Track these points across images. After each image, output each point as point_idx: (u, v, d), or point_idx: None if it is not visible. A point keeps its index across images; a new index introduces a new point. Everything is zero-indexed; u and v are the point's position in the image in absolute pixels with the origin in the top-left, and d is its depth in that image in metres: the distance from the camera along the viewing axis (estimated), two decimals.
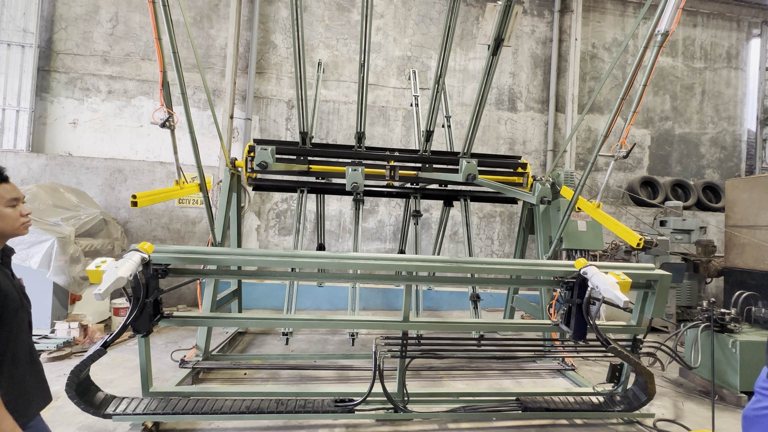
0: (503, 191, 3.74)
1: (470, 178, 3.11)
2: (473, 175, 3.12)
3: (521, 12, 4.03)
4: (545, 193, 3.24)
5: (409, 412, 3.14)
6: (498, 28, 3.65)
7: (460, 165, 3.24)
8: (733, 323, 3.91)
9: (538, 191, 3.32)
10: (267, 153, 2.81)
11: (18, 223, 1.53)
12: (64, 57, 6.88)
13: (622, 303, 2.56)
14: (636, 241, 3.49)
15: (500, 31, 3.66)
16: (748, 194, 5.28)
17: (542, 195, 3.26)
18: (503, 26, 3.65)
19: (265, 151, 2.80)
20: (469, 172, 3.13)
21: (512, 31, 4.11)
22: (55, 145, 6.87)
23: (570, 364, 4.40)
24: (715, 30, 9.04)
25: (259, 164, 2.79)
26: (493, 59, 3.87)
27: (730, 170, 9.11)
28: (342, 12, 7.63)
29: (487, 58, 3.89)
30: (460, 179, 3.24)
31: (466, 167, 3.12)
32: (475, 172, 3.13)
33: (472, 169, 3.12)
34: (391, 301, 7.16)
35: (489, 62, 3.90)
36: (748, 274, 5.17)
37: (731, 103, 9.10)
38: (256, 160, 2.78)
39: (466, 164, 3.12)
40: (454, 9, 3.59)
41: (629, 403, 3.27)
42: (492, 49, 3.80)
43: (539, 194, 3.28)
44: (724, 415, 3.57)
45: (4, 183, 1.49)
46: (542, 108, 8.29)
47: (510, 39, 4.02)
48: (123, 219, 6.72)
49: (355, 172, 2.91)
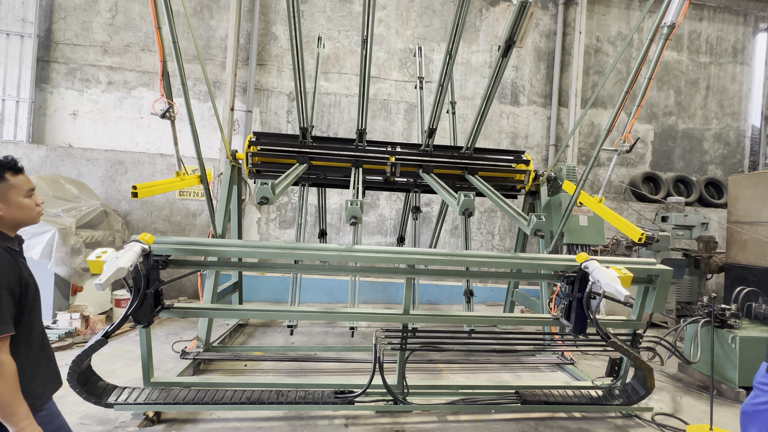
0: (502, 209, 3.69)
1: (467, 213, 3.06)
2: (470, 212, 3.07)
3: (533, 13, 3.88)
4: (540, 226, 3.19)
5: (409, 404, 3.16)
6: (511, 30, 3.49)
7: (458, 198, 3.15)
8: (733, 319, 3.92)
9: (533, 223, 3.24)
10: (267, 188, 2.81)
11: (34, 212, 1.61)
12: (63, 47, 6.83)
13: (623, 297, 2.56)
14: (638, 235, 3.48)
15: (513, 32, 3.51)
16: (751, 190, 5.25)
17: (536, 228, 3.20)
18: (516, 27, 3.48)
19: (265, 186, 2.81)
20: (466, 207, 3.07)
21: (526, 33, 3.99)
22: (56, 136, 6.85)
23: (569, 359, 4.42)
24: (721, 24, 8.92)
25: (259, 201, 2.81)
26: (503, 61, 3.72)
27: (733, 166, 9.06)
28: (344, 3, 7.54)
29: (496, 59, 3.75)
30: (457, 213, 3.18)
31: (463, 201, 3.05)
32: (472, 206, 3.07)
33: (469, 204, 3.05)
34: (391, 295, 7.17)
35: (498, 63, 3.76)
36: (749, 270, 5.16)
37: (736, 99, 9.01)
38: (257, 196, 2.80)
39: (463, 198, 3.06)
40: (464, 6, 3.46)
41: (628, 397, 3.28)
42: (502, 51, 3.64)
43: (534, 227, 3.21)
44: (722, 409, 3.59)
45: (21, 174, 1.56)
46: (545, 102, 8.22)
47: (523, 40, 3.90)
48: (124, 211, 6.72)
49: (353, 206, 2.91)
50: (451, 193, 3.41)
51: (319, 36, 5.98)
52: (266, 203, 2.85)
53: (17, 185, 1.54)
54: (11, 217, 1.54)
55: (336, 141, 4.87)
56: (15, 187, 1.53)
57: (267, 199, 2.83)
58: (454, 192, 5.00)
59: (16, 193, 1.53)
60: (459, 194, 3.11)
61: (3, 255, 1.48)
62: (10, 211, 1.53)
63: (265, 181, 2.86)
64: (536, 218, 3.27)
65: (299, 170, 4.06)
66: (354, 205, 2.94)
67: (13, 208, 1.53)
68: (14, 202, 1.53)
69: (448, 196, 3.41)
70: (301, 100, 4.02)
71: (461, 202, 3.08)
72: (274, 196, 2.89)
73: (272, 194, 2.87)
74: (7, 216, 1.53)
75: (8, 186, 1.51)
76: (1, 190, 1.50)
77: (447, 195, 3.49)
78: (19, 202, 1.54)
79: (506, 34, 3.55)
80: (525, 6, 3.36)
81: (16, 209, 1.54)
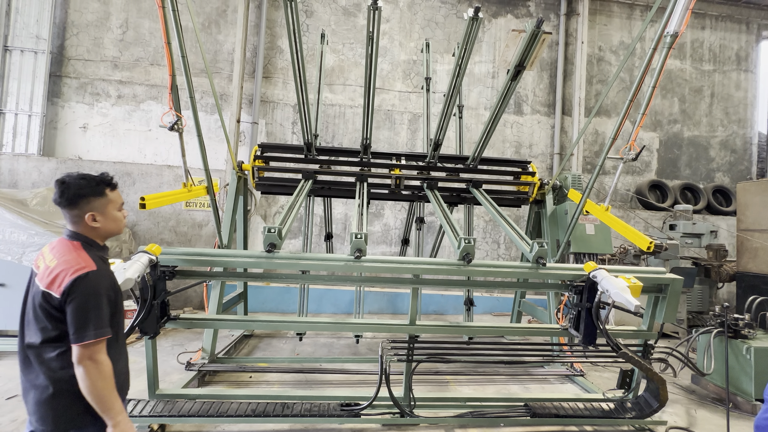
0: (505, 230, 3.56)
1: (467, 258, 3.02)
2: (470, 258, 3.03)
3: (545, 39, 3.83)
4: (542, 254, 3.08)
5: (416, 417, 3.11)
6: (521, 55, 3.47)
7: (459, 242, 3.06)
8: (747, 329, 3.83)
9: (535, 251, 3.11)
10: (274, 236, 2.86)
11: (122, 224, 1.77)
12: (75, 63, 7.00)
13: (633, 307, 2.52)
14: (646, 244, 3.44)
15: (523, 58, 3.49)
16: (761, 197, 5.19)
17: (539, 255, 3.09)
18: (527, 54, 3.46)
19: (272, 234, 2.85)
20: (467, 252, 3.03)
21: (537, 58, 3.97)
22: (66, 149, 6.97)
23: (579, 370, 4.33)
24: (723, 32, 8.95)
25: (267, 249, 2.85)
26: (512, 84, 3.71)
27: (740, 173, 8.97)
28: (348, 17, 7.68)
29: (505, 83, 3.74)
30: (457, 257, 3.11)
31: (464, 247, 3.01)
32: (472, 252, 3.01)
33: (469, 249, 3.02)
34: (397, 305, 7.12)
35: (506, 87, 3.74)
36: (761, 278, 5.07)
37: (741, 106, 8.98)
38: (265, 243, 2.85)
39: (464, 243, 3.03)
40: (471, 37, 3.41)
41: (641, 410, 3.20)
42: (511, 75, 3.62)
43: (536, 254, 3.10)
44: (738, 423, 3.48)
45: (116, 189, 1.72)
46: (548, 111, 8.25)
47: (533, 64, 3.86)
48: (131, 222, 6.78)
49: (358, 239, 2.91)
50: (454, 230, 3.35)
51: (322, 33, 5.73)
52: (274, 249, 2.87)
53: (114, 200, 1.69)
54: (106, 228, 1.68)
55: (341, 153, 4.90)
56: (112, 201, 1.68)
57: (275, 245, 2.85)
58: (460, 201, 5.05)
59: (112, 207, 1.69)
60: (459, 239, 3.05)
61: (101, 265, 1.61)
62: (107, 224, 1.67)
63: (272, 226, 2.87)
64: (538, 245, 3.11)
65: (304, 192, 4.04)
66: (359, 239, 2.91)
67: (109, 220, 1.68)
68: (110, 215, 1.68)
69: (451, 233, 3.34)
70: (305, 114, 4.03)
71: (461, 246, 3.01)
72: (281, 241, 2.92)
73: (280, 240, 2.88)
74: (104, 228, 1.67)
75: (107, 200, 1.67)
76: (102, 204, 1.65)
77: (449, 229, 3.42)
78: (114, 215, 1.70)
79: (517, 59, 3.51)
80: (537, 35, 3.35)
81: (111, 221, 1.69)
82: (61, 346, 1.51)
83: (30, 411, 1.54)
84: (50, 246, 1.64)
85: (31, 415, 1.54)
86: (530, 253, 3.18)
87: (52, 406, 1.50)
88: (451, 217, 3.75)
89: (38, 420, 1.52)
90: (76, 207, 1.59)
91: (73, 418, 1.52)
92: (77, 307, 1.48)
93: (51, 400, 1.50)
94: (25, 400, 1.56)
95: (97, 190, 1.63)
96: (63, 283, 1.48)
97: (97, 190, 1.63)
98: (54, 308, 1.49)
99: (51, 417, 1.50)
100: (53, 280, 1.50)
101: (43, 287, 1.50)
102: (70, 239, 1.63)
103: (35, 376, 1.52)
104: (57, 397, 1.50)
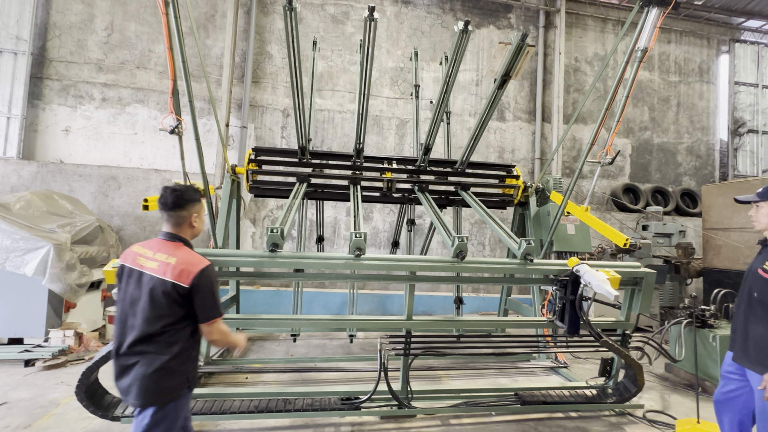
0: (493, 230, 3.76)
1: (460, 255, 3.21)
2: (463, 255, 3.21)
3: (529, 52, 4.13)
4: (530, 251, 3.32)
5: (414, 408, 3.24)
6: (507, 66, 3.78)
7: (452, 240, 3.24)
8: (713, 319, 4.17)
9: (523, 248, 3.33)
10: (277, 236, 2.94)
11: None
12: (57, 64, 6.86)
13: (613, 297, 2.75)
14: (623, 241, 3.72)
15: (509, 68, 3.79)
16: (722, 199, 5.63)
17: (526, 252, 3.32)
18: (513, 65, 3.76)
19: (274, 234, 2.95)
20: (460, 249, 3.21)
21: (521, 68, 4.27)
22: (47, 152, 6.80)
23: (563, 362, 4.57)
24: (687, 46, 9.62)
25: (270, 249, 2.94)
26: (498, 93, 3.99)
27: (705, 177, 9.61)
28: (336, 24, 7.84)
29: (491, 91, 4.01)
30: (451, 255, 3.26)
31: (458, 244, 3.19)
32: (465, 250, 3.20)
33: (463, 247, 3.21)
34: (387, 307, 7.24)
35: (493, 95, 4.01)
36: (724, 273, 5.49)
37: (704, 115, 9.65)
38: (268, 243, 2.95)
39: (458, 241, 3.21)
40: (460, 48, 3.70)
41: (620, 395, 3.45)
42: (498, 83, 3.92)
43: (524, 251, 3.33)
44: (707, 405, 3.76)
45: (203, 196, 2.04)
46: (529, 118, 8.63)
47: (518, 74, 4.16)
48: (116, 226, 6.66)
49: (358, 238, 3.04)
50: (447, 230, 3.52)
51: (314, 40, 5.84)
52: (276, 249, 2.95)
53: (203, 205, 2.00)
54: (199, 229, 1.99)
55: (334, 157, 5.01)
56: (203, 206, 2.00)
57: (277, 245, 2.93)
58: (448, 204, 5.25)
59: (203, 212, 2.00)
60: (453, 238, 3.23)
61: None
62: (200, 225, 1.98)
63: (274, 227, 2.95)
64: (526, 243, 3.33)
65: (300, 194, 4.14)
66: (358, 237, 3.04)
67: (201, 222, 1.99)
68: (202, 218, 2.00)
69: (444, 232, 3.52)
70: (300, 119, 4.14)
71: (456, 244, 3.18)
72: (283, 240, 3.00)
73: (281, 239, 2.97)
74: (198, 228, 1.97)
75: (201, 206, 1.97)
76: (198, 209, 1.95)
77: (442, 229, 3.60)
78: (203, 218, 2.02)
79: (503, 69, 3.81)
80: (522, 47, 3.64)
81: (201, 223, 2.00)
82: (175, 327, 1.79)
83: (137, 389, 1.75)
84: (148, 246, 1.87)
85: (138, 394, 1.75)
86: (519, 250, 3.38)
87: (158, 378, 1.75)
88: (443, 217, 3.94)
89: (143, 394, 1.75)
90: (184, 209, 1.89)
91: (175, 387, 1.80)
92: (206, 293, 1.81)
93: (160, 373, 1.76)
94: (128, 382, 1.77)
95: (197, 196, 1.95)
96: (191, 275, 1.77)
97: (197, 196, 1.95)
98: (180, 296, 1.77)
99: (156, 389, 1.76)
100: (180, 273, 1.77)
101: (172, 279, 1.76)
102: (170, 240, 1.88)
103: (153, 354, 1.76)
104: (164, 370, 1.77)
